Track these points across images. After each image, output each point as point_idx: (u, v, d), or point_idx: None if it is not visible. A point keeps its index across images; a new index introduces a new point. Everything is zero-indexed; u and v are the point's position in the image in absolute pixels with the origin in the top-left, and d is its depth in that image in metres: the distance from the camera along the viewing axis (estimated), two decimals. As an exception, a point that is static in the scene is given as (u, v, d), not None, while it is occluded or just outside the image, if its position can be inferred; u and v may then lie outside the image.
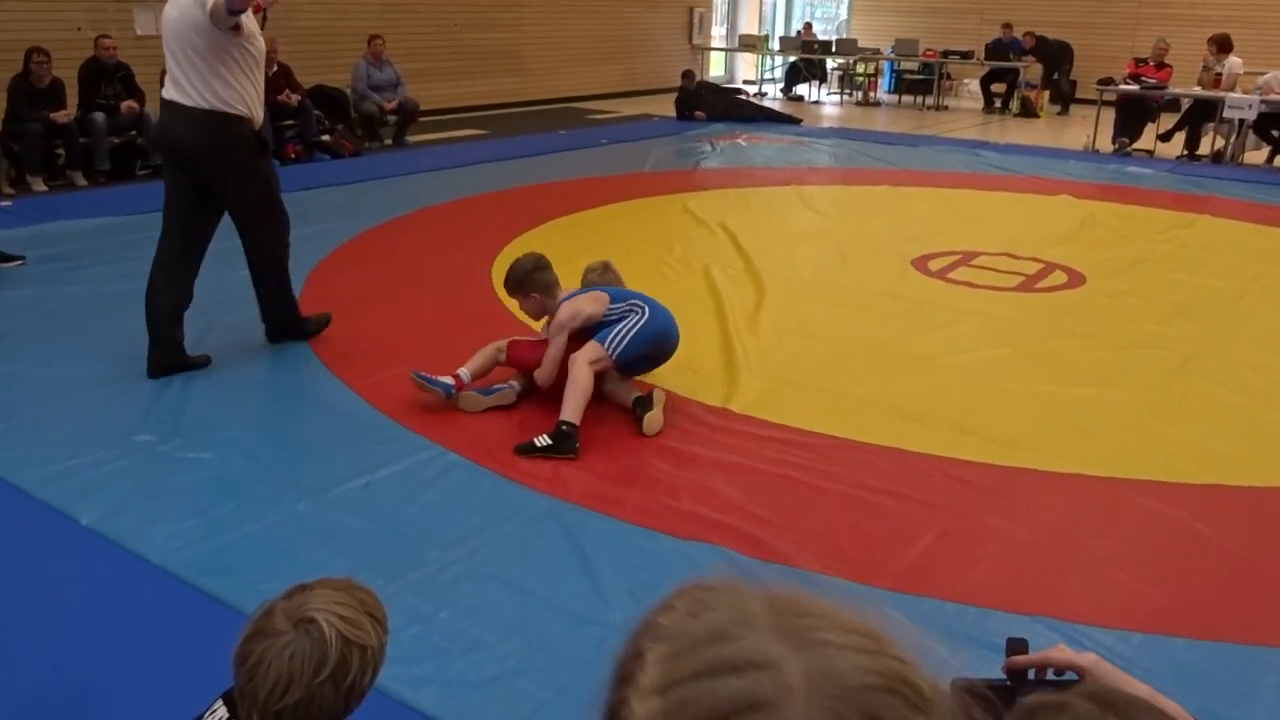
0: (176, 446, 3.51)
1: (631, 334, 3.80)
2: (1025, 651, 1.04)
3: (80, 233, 6.42)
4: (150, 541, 2.90)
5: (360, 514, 3.09)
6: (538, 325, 4.21)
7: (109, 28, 8.78)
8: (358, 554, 2.87)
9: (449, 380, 3.87)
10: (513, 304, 4.43)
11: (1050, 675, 1.04)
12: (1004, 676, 1.02)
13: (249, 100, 3.98)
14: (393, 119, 10.16)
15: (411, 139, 10.30)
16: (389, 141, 10.20)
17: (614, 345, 3.78)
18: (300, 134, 9.10)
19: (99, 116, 7.90)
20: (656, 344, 3.91)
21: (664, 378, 4.13)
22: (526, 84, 13.53)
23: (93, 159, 7.93)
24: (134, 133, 8.23)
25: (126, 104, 8.07)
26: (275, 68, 8.97)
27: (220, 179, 4.01)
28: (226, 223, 4.20)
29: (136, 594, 2.69)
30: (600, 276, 4.20)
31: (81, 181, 7.89)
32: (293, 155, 8.95)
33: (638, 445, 3.63)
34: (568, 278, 5.54)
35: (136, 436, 3.57)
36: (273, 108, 8.76)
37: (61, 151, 7.91)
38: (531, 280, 3.98)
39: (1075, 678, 1.01)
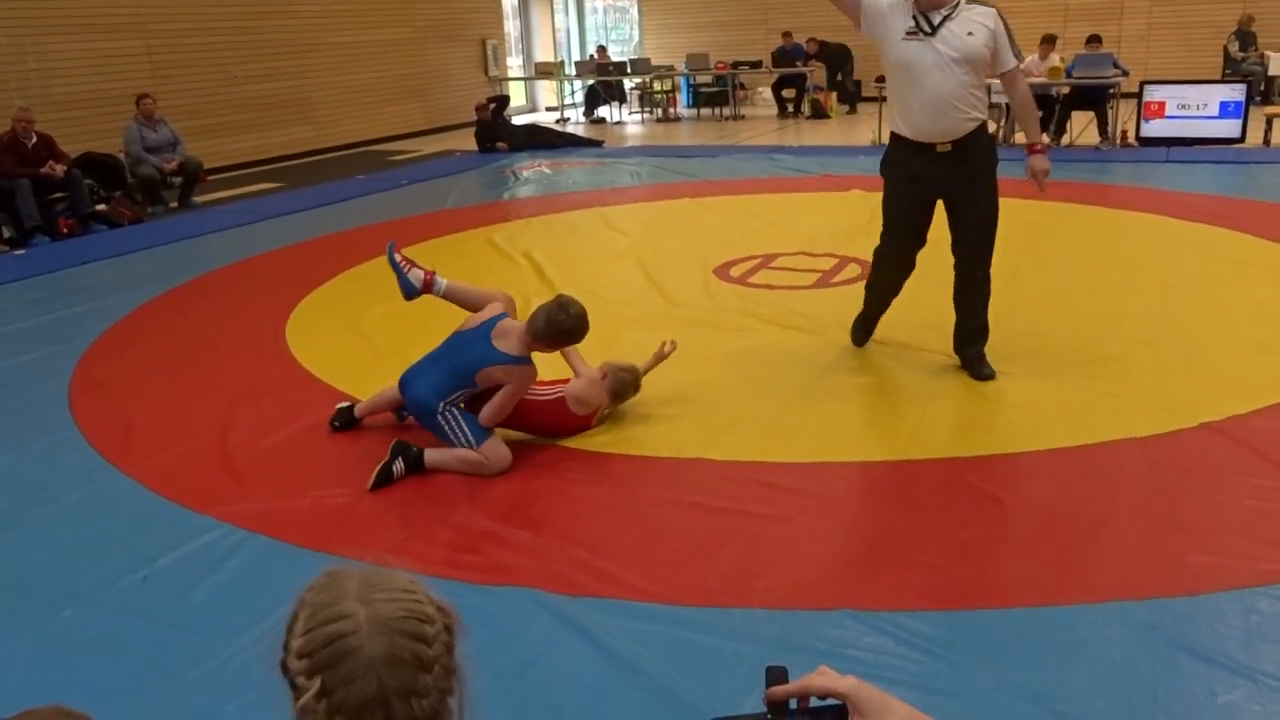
0: (-78, 567, 3.15)
1: None
2: (785, 680, 1.00)
3: None
4: (-112, 681, 2.58)
5: (136, 612, 2.83)
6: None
7: None
8: (133, 657, 2.63)
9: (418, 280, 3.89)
10: (309, 360, 4.23)
11: (814, 702, 1.00)
12: (765, 709, 0.97)
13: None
14: (176, 180, 9.65)
15: (199, 199, 9.80)
16: (174, 204, 9.67)
17: None
18: (72, 206, 8.49)
19: None
20: None
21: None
22: (320, 132, 13.12)
23: None
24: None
25: None
26: (35, 139, 8.38)
27: None
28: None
29: None
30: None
31: None
32: (65, 230, 8.35)
33: (438, 490, 3.49)
34: (372, 325, 5.40)
35: (-126, 562, 3.19)
36: (36, 181, 8.20)
37: None
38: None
39: (837, 703, 0.98)
